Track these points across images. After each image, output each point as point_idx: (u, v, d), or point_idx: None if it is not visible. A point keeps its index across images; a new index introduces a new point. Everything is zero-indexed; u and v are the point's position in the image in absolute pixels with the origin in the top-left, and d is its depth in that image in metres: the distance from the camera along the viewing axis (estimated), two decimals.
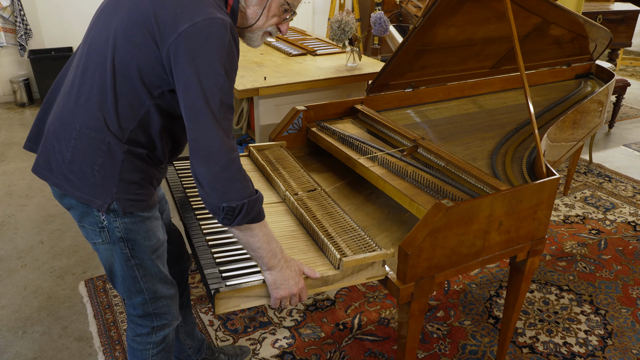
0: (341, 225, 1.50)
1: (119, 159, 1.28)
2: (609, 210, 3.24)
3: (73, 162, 1.28)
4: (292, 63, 2.95)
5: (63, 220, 3.09)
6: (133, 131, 1.28)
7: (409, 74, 2.33)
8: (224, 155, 1.18)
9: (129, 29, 1.23)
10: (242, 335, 2.23)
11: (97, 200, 1.30)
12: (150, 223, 1.40)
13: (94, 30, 1.32)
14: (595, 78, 3.03)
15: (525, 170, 1.85)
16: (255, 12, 1.35)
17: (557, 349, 2.16)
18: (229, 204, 1.18)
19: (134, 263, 1.41)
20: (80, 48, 1.36)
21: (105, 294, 2.46)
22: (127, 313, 1.55)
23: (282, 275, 1.27)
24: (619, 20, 4.73)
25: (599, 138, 4.42)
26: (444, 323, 2.29)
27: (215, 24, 1.18)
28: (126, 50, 1.24)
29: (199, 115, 1.18)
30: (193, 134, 1.19)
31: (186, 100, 1.19)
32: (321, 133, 2.08)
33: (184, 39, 1.17)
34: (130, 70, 1.24)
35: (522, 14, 2.25)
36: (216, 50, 1.18)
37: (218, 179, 1.17)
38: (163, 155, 1.38)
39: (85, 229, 1.38)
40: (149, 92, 1.26)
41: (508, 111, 2.47)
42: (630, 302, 2.44)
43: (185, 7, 1.20)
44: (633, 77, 6.22)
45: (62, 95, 1.34)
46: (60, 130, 1.30)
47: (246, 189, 1.21)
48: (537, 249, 1.73)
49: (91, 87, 1.27)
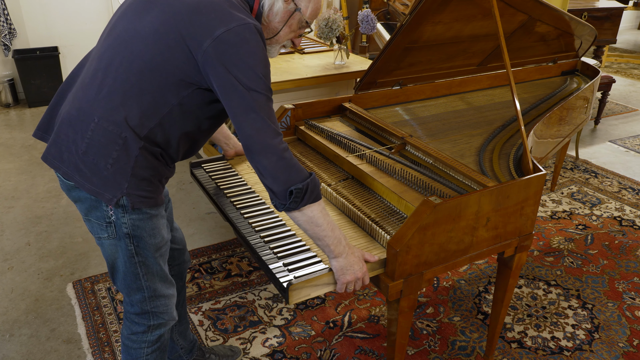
0: (382, 209, 1.60)
1: (134, 154, 1.29)
2: (595, 206, 3.27)
3: (87, 154, 1.28)
4: (280, 61, 2.94)
5: (50, 222, 3.06)
6: (153, 129, 1.30)
7: (396, 72, 2.34)
8: (277, 146, 1.27)
9: (161, 29, 1.26)
10: (233, 334, 2.22)
11: (106, 193, 1.30)
12: (156, 221, 1.41)
13: (121, 25, 1.34)
14: (581, 75, 3.06)
15: (512, 167, 1.86)
16: (277, 27, 1.43)
17: (545, 344, 2.18)
18: (295, 187, 1.27)
19: (137, 260, 1.41)
20: (103, 41, 1.36)
21: (94, 296, 2.44)
22: (125, 310, 1.55)
23: (348, 261, 1.36)
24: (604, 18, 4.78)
25: (585, 134, 4.46)
26: (434, 319, 2.31)
27: (249, 29, 1.25)
28: (156, 50, 1.26)
29: (248, 114, 1.25)
30: (247, 132, 1.26)
31: (232, 102, 1.26)
32: (309, 131, 2.08)
33: (221, 44, 1.22)
34: (159, 69, 1.26)
35: (508, 11, 2.26)
36: (253, 54, 1.25)
37: (279, 168, 1.27)
38: (176, 155, 1.41)
39: (91, 222, 1.38)
40: (177, 91, 1.29)
41: (495, 108, 2.48)
42: (616, 296, 2.47)
43: (219, 13, 1.25)
44: (618, 74, 6.29)
45: (82, 85, 1.34)
46: (77, 120, 1.30)
47: (303, 170, 1.31)
48: (525, 244, 1.75)
49: (114, 81, 1.28)
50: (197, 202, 3.31)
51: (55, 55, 4.91)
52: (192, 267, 2.65)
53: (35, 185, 3.48)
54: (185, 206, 3.26)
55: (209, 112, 1.37)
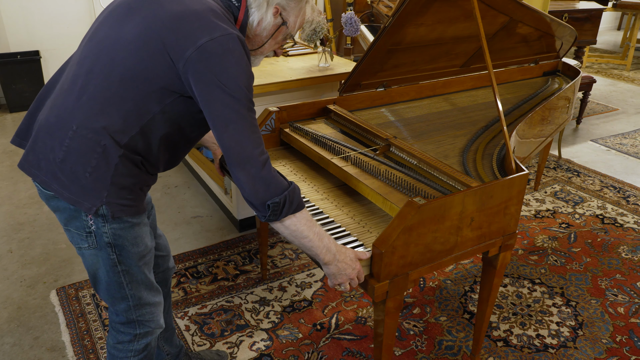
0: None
1: (113, 162, 1.27)
2: (578, 204, 3.32)
3: (65, 162, 1.26)
4: (264, 64, 2.94)
5: (32, 229, 3.01)
6: (133, 137, 1.28)
7: (380, 74, 2.35)
8: (257, 158, 1.27)
9: (143, 37, 1.25)
10: (219, 339, 2.21)
11: (86, 202, 1.28)
12: (139, 229, 1.38)
13: (102, 31, 1.32)
14: (562, 75, 3.10)
15: (495, 167, 1.88)
16: (263, 40, 1.44)
17: (531, 341, 2.20)
18: (272, 200, 1.28)
19: (120, 269, 1.39)
20: (84, 46, 1.34)
21: (78, 302, 2.41)
22: (110, 320, 1.53)
23: (338, 267, 1.39)
24: (584, 19, 4.86)
25: (568, 134, 4.52)
26: (420, 320, 2.32)
27: (233, 40, 1.24)
28: (138, 57, 1.24)
29: (229, 125, 1.25)
30: (226, 143, 1.26)
31: (213, 112, 1.25)
32: (294, 134, 2.08)
33: (204, 53, 1.21)
34: (140, 77, 1.25)
35: (489, 12, 2.28)
36: (236, 64, 1.24)
37: (256, 182, 1.27)
38: (157, 163, 1.39)
39: (71, 232, 1.36)
40: (159, 100, 1.27)
41: (479, 109, 2.51)
42: (599, 293, 2.50)
43: (202, 22, 1.24)
44: (599, 74, 6.39)
45: (61, 92, 1.32)
46: (55, 127, 1.28)
47: (282, 182, 1.31)
48: (509, 243, 1.77)
49: (95, 88, 1.26)
50: (183, 206, 3.29)
51: (36, 60, 4.84)
52: (178, 272, 2.63)
53: (17, 192, 3.43)
54: (170, 210, 3.24)
55: (191, 121, 1.36)
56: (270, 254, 2.76)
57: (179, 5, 1.27)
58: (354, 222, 1.65)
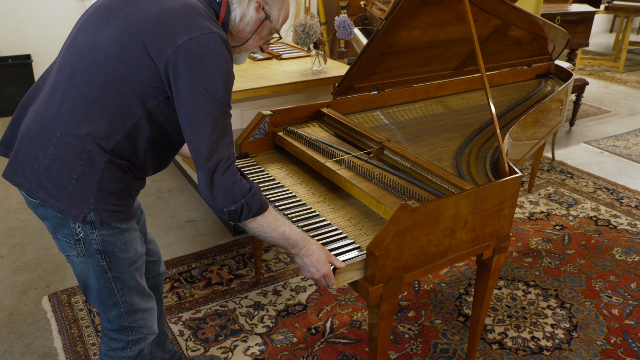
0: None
1: (100, 168, 1.25)
2: (572, 206, 3.33)
3: (50, 169, 1.24)
4: (258, 67, 2.93)
5: (24, 234, 2.99)
6: (119, 142, 1.26)
7: (374, 77, 2.35)
8: (222, 164, 1.25)
9: (123, 40, 1.23)
10: (214, 344, 2.19)
11: (73, 209, 1.26)
12: (128, 235, 1.37)
13: (82, 37, 1.30)
14: (555, 77, 3.11)
15: (489, 169, 1.88)
16: (246, 36, 1.41)
17: (526, 344, 2.20)
18: (228, 208, 1.28)
19: (111, 276, 1.37)
20: (64, 53, 1.32)
21: (71, 308, 2.39)
22: (102, 327, 1.51)
23: (304, 262, 1.42)
24: (577, 21, 4.88)
25: (561, 136, 4.54)
26: (415, 323, 2.31)
27: (214, 39, 1.22)
28: (119, 61, 1.23)
29: (200, 128, 1.23)
30: (195, 145, 1.24)
31: (187, 113, 1.22)
32: (288, 137, 2.07)
33: (183, 52, 1.19)
34: (123, 81, 1.23)
35: (482, 15, 2.29)
36: (216, 65, 1.22)
37: (216, 187, 1.26)
38: (145, 169, 1.37)
39: (60, 240, 1.34)
40: (143, 103, 1.25)
41: (472, 111, 2.51)
42: (593, 294, 2.50)
43: (182, 21, 1.22)
44: (591, 76, 6.42)
45: (43, 99, 1.30)
46: (38, 135, 1.26)
47: (241, 189, 1.29)
48: (503, 246, 1.76)
49: (77, 94, 1.24)
50: (176, 210, 3.27)
51: (27, 64, 4.82)
52: (171, 277, 2.62)
53: (8, 197, 3.41)
54: (164, 214, 3.22)
55: (176, 124, 1.34)
56: (265, 258, 2.75)
57: (157, 6, 1.25)
58: (350, 225, 1.65)
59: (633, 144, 4.37)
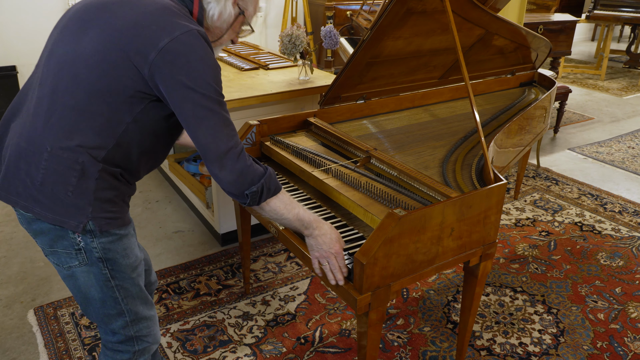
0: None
1: (94, 177, 1.25)
2: (557, 212, 3.37)
3: (44, 184, 1.24)
4: (245, 77, 2.94)
5: (9, 247, 2.95)
6: (110, 150, 1.27)
7: (360, 86, 2.37)
8: (233, 153, 1.30)
9: (102, 49, 1.23)
10: (202, 355, 2.18)
11: (71, 220, 1.26)
12: (127, 240, 1.37)
13: (60, 49, 1.29)
14: (538, 86, 3.16)
15: (474, 177, 1.90)
16: (221, 30, 1.44)
17: (514, 350, 2.22)
18: (250, 190, 1.34)
19: (115, 284, 1.37)
20: (43, 66, 1.32)
21: (57, 322, 2.36)
22: (104, 341, 1.49)
23: (317, 241, 1.49)
24: (559, 30, 4.96)
25: (545, 143, 4.60)
26: (404, 331, 2.31)
27: (194, 36, 1.24)
28: (101, 70, 1.23)
29: (201, 123, 1.26)
30: (202, 141, 1.28)
31: (185, 112, 1.25)
32: (275, 147, 2.08)
33: (167, 54, 1.20)
34: (107, 90, 1.23)
35: (465, 25, 2.32)
36: (201, 61, 1.24)
37: (234, 173, 1.31)
38: (138, 172, 1.39)
39: (58, 254, 1.33)
40: (130, 109, 1.26)
41: (458, 120, 2.54)
42: (579, 299, 2.53)
43: (160, 23, 1.23)
44: (574, 84, 6.52)
45: (27, 115, 1.29)
46: (27, 152, 1.25)
47: (258, 170, 1.36)
48: (489, 252, 1.78)
49: (63, 107, 1.24)
50: (164, 221, 3.25)
51: (13, 75, 4.78)
52: (159, 288, 2.60)
53: None
54: (151, 225, 3.20)
55: (165, 124, 1.35)
56: (253, 268, 2.74)
57: (132, 11, 1.25)
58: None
59: (616, 150, 4.44)
